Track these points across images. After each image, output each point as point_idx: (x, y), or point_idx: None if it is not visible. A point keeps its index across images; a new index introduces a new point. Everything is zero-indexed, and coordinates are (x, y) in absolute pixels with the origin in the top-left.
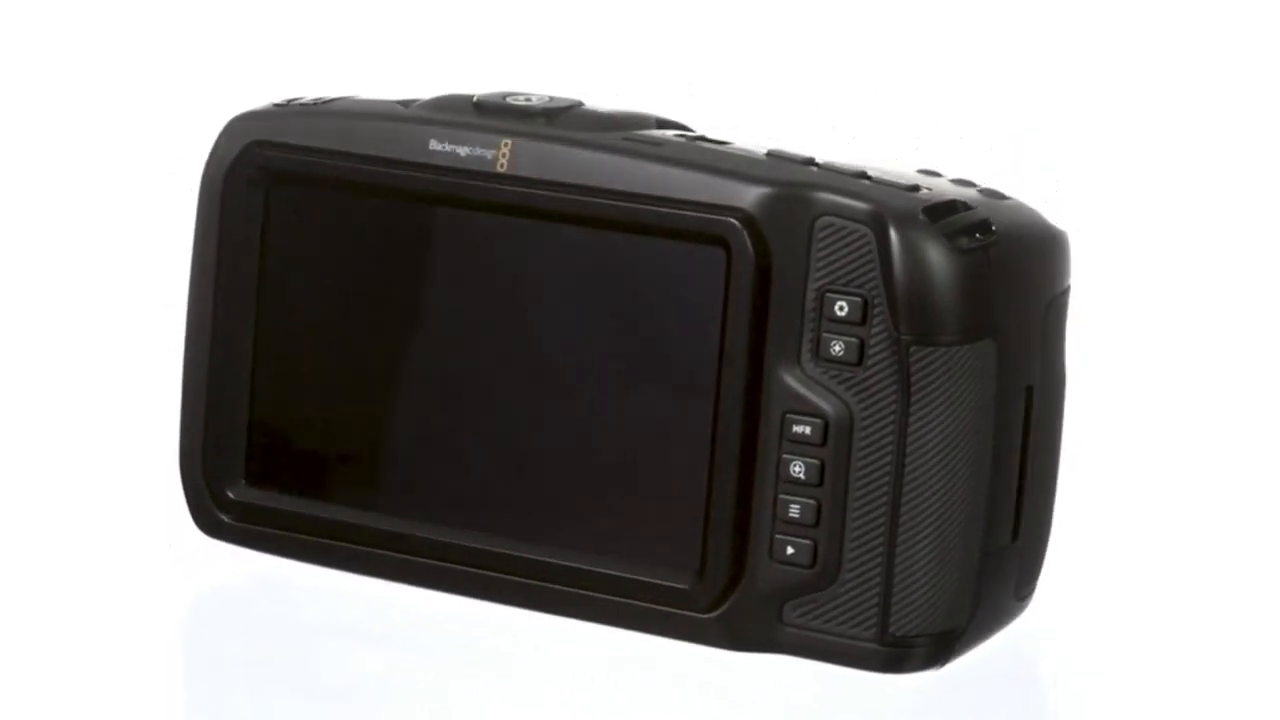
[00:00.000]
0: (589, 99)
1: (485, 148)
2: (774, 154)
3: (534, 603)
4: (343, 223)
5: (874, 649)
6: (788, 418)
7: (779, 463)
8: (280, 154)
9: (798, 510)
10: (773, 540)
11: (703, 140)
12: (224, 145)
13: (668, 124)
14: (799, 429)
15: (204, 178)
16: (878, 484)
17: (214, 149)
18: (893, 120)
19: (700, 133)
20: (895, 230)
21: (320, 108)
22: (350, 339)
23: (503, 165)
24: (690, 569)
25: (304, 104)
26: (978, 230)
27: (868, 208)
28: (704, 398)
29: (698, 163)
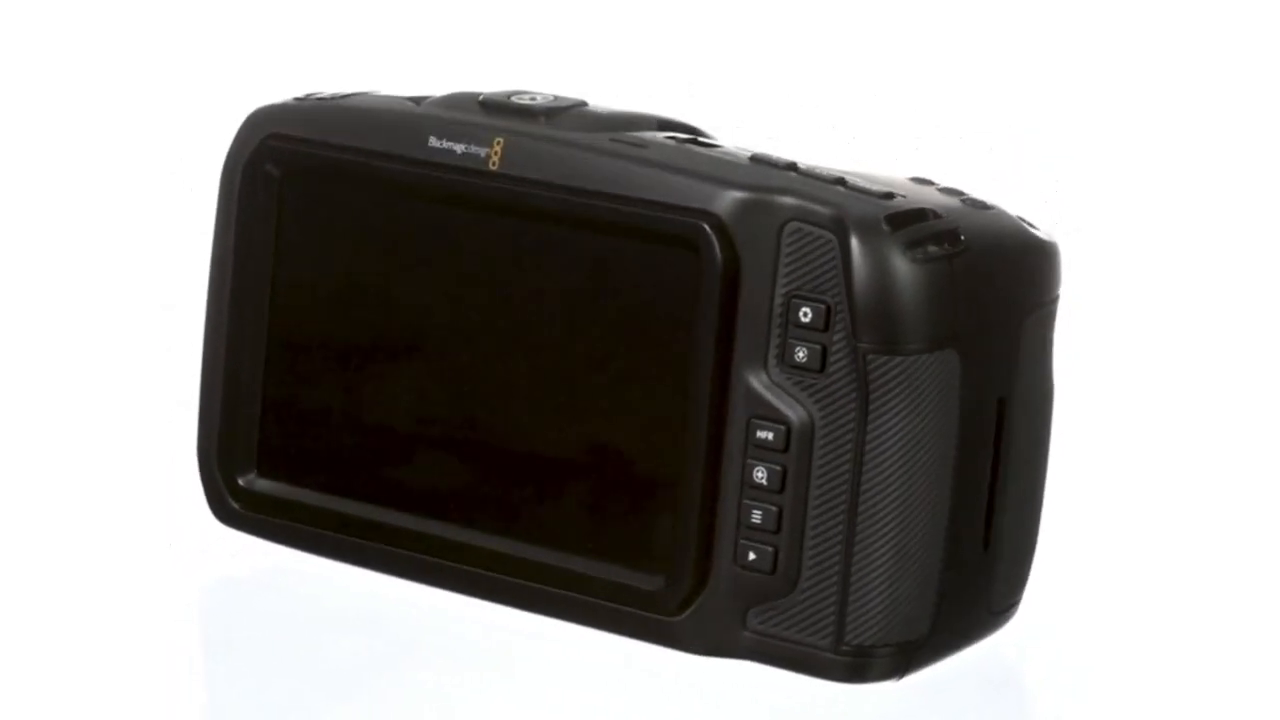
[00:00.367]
0: (596, 99)
1: (479, 145)
2: (757, 158)
3: (509, 599)
4: (349, 216)
5: (830, 658)
6: (753, 423)
7: (745, 468)
8: (294, 147)
9: (760, 516)
10: (737, 545)
11: (694, 143)
12: (243, 137)
13: (670, 125)
14: (763, 434)
15: (224, 170)
16: (836, 492)
17: (234, 141)
18: (893, 121)
19: (703, 134)
20: (856, 237)
21: (334, 102)
22: (353, 334)
23: (494, 163)
24: (659, 572)
25: (320, 98)
26: (944, 240)
27: (831, 213)
28: (673, 401)
29: (675, 166)
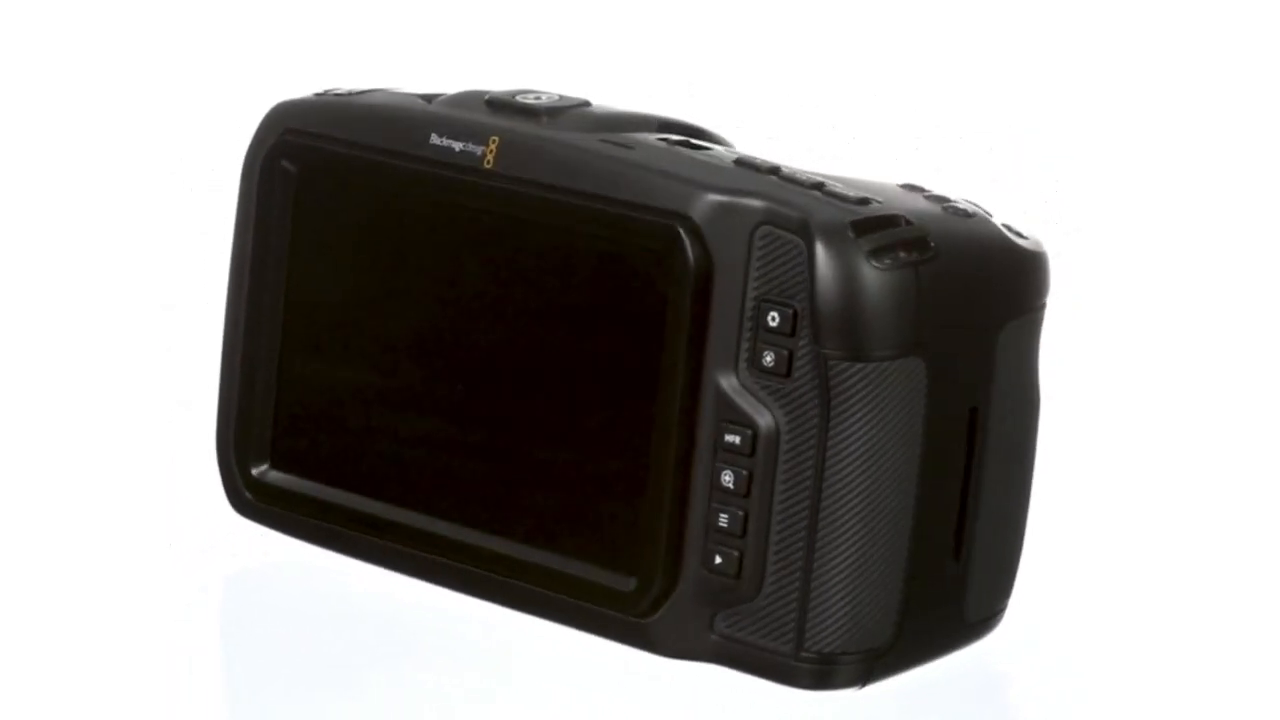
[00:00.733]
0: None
1: (476, 144)
2: (742, 161)
3: (493, 595)
4: (357, 212)
5: (791, 664)
6: (723, 425)
7: (714, 471)
8: (308, 142)
9: (726, 520)
10: (706, 548)
11: (686, 145)
12: (263, 132)
13: (673, 126)
14: (730, 438)
15: (244, 163)
16: (799, 498)
17: (255, 136)
18: (894, 121)
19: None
20: (820, 241)
21: (349, 98)
22: (359, 330)
23: (489, 162)
24: (632, 573)
25: (338, 94)
26: (912, 247)
27: (799, 218)
28: (646, 402)
29: (656, 168)
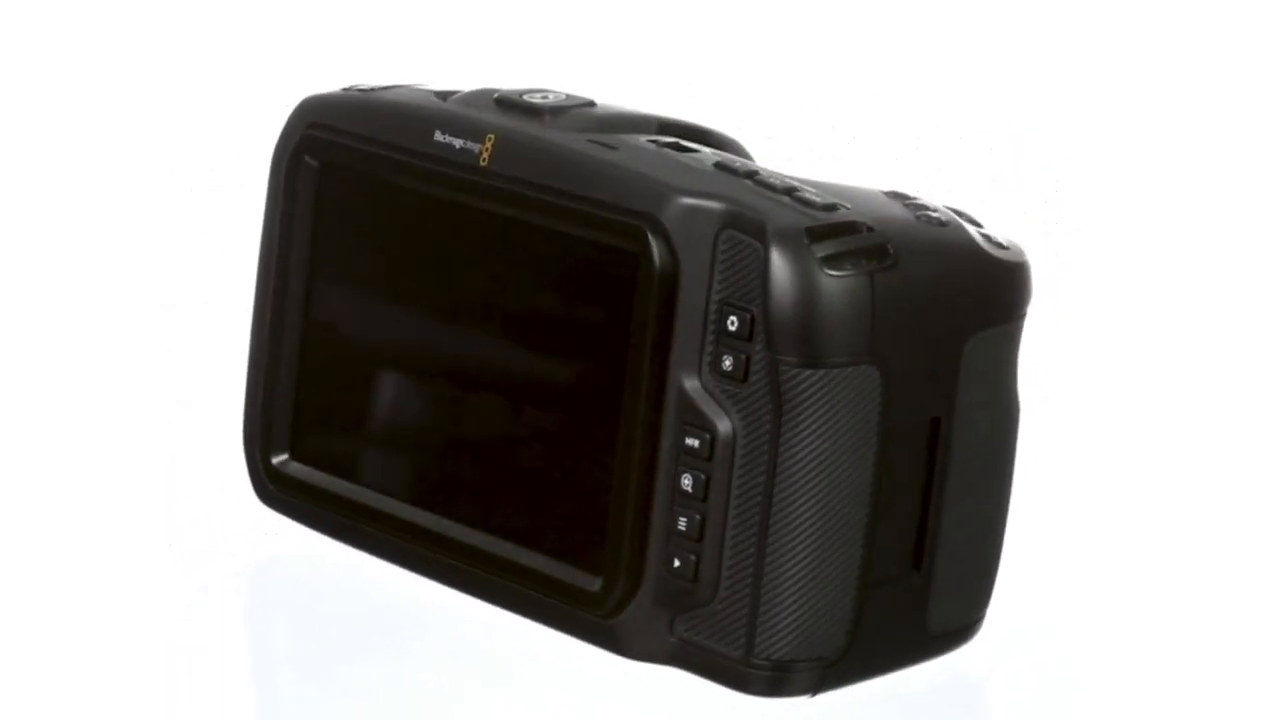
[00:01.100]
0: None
1: (474, 142)
2: (721, 164)
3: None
4: (371, 207)
5: (742, 670)
6: (684, 429)
7: (675, 474)
8: (329, 137)
9: (685, 523)
10: (665, 551)
11: (675, 147)
12: (291, 126)
13: (673, 127)
14: (691, 441)
15: (273, 157)
16: (752, 503)
17: (283, 130)
18: (894, 121)
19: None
20: (774, 247)
21: (369, 94)
22: (369, 323)
23: (484, 160)
24: (598, 572)
25: (361, 89)
26: (870, 255)
27: (757, 222)
28: (614, 402)
29: (635, 169)
